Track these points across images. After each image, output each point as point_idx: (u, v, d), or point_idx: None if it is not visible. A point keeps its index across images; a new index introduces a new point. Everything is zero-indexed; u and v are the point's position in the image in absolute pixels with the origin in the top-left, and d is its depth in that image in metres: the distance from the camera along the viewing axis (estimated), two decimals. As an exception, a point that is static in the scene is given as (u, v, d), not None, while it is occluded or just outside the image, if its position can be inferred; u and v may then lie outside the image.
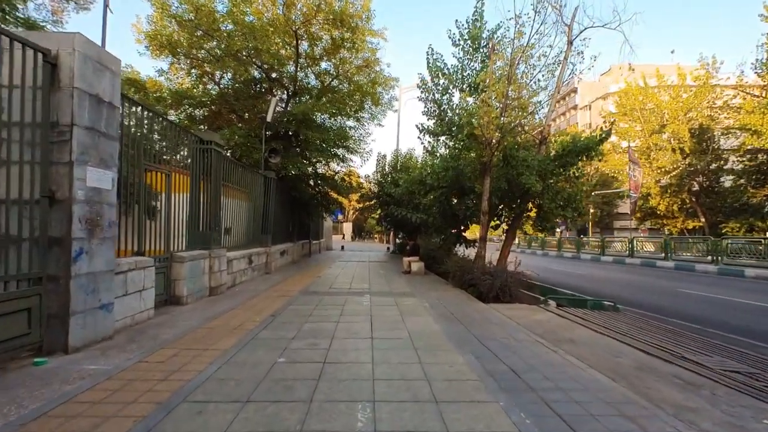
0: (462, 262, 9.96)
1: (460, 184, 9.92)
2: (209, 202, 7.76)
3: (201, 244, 7.48)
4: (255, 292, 8.10)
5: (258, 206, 11.58)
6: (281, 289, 8.65)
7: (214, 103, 13.72)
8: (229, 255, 8.64)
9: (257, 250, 10.80)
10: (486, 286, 7.52)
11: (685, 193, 30.37)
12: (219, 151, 7.94)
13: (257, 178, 11.50)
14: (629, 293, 10.51)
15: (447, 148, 9.95)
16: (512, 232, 10.22)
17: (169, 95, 12.83)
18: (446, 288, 9.51)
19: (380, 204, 21.94)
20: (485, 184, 8.65)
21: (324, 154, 13.69)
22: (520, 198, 9.88)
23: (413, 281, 10.63)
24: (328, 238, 29.83)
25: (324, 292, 8.48)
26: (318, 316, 6.01)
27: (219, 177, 8.05)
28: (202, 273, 7.18)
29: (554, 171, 9.15)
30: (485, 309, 6.92)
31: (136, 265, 5.09)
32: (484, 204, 8.69)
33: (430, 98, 10.91)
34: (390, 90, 19.30)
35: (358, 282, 10.23)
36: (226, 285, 8.08)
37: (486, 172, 8.63)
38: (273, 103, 11.46)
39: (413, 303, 7.31)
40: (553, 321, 6.06)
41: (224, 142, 12.18)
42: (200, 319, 5.54)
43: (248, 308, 6.49)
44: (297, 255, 16.68)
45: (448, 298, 7.94)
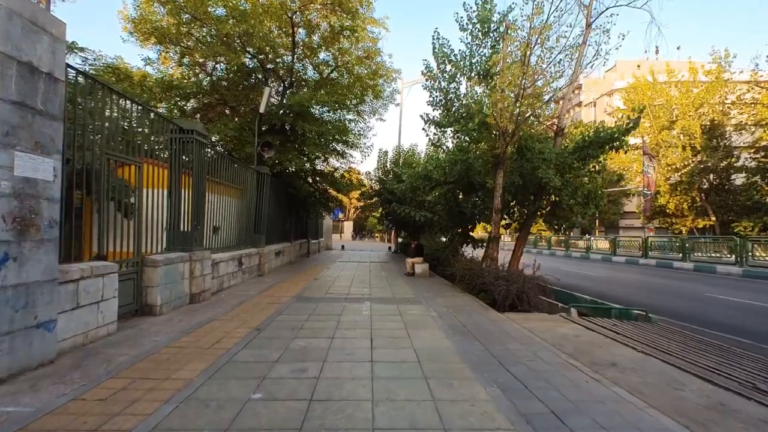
0: (471, 264, 9.14)
1: (469, 180, 9.10)
2: (192, 199, 6.94)
3: (182, 245, 6.67)
4: (243, 299, 7.29)
5: (250, 204, 10.77)
6: (273, 295, 7.84)
7: (205, 95, 12.89)
8: (215, 257, 7.83)
9: (249, 251, 9.99)
10: (501, 292, 6.70)
11: (696, 191, 29.49)
12: (202, 142, 7.12)
13: (250, 173, 10.68)
14: (653, 298, 9.68)
15: (456, 138, 9.11)
16: (525, 232, 9.39)
17: (156, 85, 12.00)
18: (454, 293, 8.69)
19: (381, 202, 21.11)
20: (498, 178, 7.83)
21: (322, 149, 12.85)
22: (534, 194, 9.04)
23: (417, 285, 9.81)
24: (328, 237, 29.03)
25: (320, 297, 7.66)
26: (310, 329, 5.19)
27: (203, 171, 7.23)
28: (181, 278, 6.37)
29: (573, 165, 8.31)
30: (501, 319, 6.09)
31: (92, 271, 4.27)
32: (496, 201, 7.87)
33: (436, 86, 10.08)
34: (392, 82, 18.47)
35: (357, 285, 9.42)
36: (210, 291, 7.27)
37: (499, 165, 7.80)
38: (266, 93, 10.64)
39: (419, 312, 6.49)
40: (583, 336, 5.24)
41: (215, 136, 11.40)
42: (171, 335, 4.73)
43: (231, 319, 5.67)
44: (294, 255, 15.88)
45: (457, 306, 7.11)
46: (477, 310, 6.76)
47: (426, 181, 9.42)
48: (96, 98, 4.80)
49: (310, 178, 16.26)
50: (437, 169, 9.33)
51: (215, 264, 7.77)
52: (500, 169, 7.80)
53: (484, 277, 7.94)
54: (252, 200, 10.81)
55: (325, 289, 8.73)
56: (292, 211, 15.70)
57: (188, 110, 14.05)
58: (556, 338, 5.04)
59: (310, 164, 15.07)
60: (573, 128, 9.44)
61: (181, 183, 6.76)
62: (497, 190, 7.83)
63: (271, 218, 12.47)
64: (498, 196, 7.82)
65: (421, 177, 9.43)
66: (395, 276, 11.74)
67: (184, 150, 6.80)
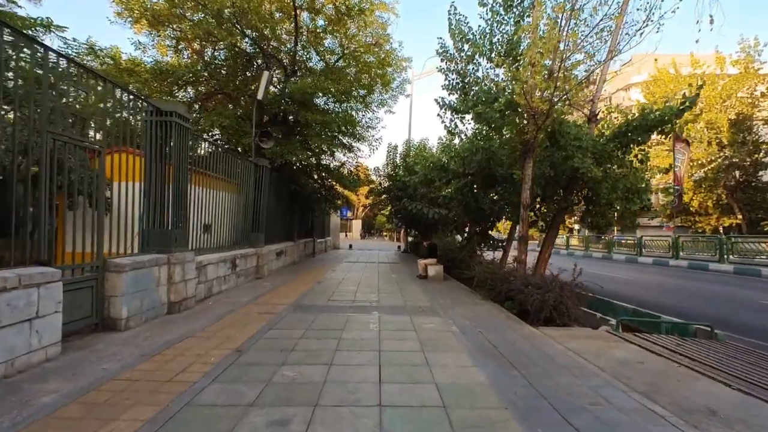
0: (493, 267, 8.07)
1: (490, 171, 8.02)
2: (173, 193, 5.99)
3: (160, 245, 5.73)
4: (232, 307, 6.32)
5: (248, 200, 9.83)
6: (268, 302, 6.86)
7: (201, 83, 11.95)
8: (202, 259, 6.88)
9: (244, 252, 9.04)
10: (534, 303, 5.61)
11: (721, 187, 27.94)
12: (184, 126, 6.15)
13: (247, 166, 9.73)
14: (704, 307, 8.50)
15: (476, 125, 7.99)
16: (554, 231, 8.27)
17: (147, 72, 11.11)
18: (474, 300, 7.62)
19: (391, 199, 20.08)
20: (526, 169, 6.73)
21: (327, 141, 11.83)
22: (564, 188, 7.93)
23: (432, 290, 8.76)
24: (336, 236, 28.09)
25: (321, 306, 6.66)
26: (304, 351, 4.18)
27: (185, 160, 6.27)
28: (156, 284, 5.42)
29: (612, 153, 7.18)
30: (537, 337, 5.02)
31: (20, 281, 3.31)
32: (525, 195, 6.78)
33: (452, 68, 8.99)
34: (401, 72, 17.40)
35: (364, 290, 8.40)
36: (194, 298, 6.31)
37: (528, 153, 6.71)
38: (265, 78, 9.67)
39: (437, 326, 5.45)
40: (648, 362, 4.14)
41: (209, 126, 10.47)
42: (128, 359, 3.76)
43: (211, 335, 4.70)
44: (298, 255, 14.93)
45: (481, 318, 6.05)
46: (506, 324, 5.68)
47: (442, 172, 8.33)
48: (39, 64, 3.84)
49: (315, 173, 15.30)
50: (455, 159, 8.24)
51: (202, 267, 6.81)
52: (529, 157, 6.71)
53: (510, 283, 6.86)
54: (250, 196, 9.86)
55: (327, 295, 7.73)
56: (296, 209, 14.75)
57: (186, 101, 13.17)
58: (615, 366, 3.95)
59: (315, 158, 14.09)
60: (608, 113, 8.26)
61: (162, 174, 5.82)
62: (526, 182, 6.74)
63: (271, 216, 11.53)
64: (527, 190, 6.73)
65: (436, 168, 8.36)
66: (406, 279, 10.70)
67: (164, 135, 5.84)
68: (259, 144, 9.72)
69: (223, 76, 12.13)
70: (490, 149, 7.57)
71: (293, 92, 10.70)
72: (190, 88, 13.45)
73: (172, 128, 5.88)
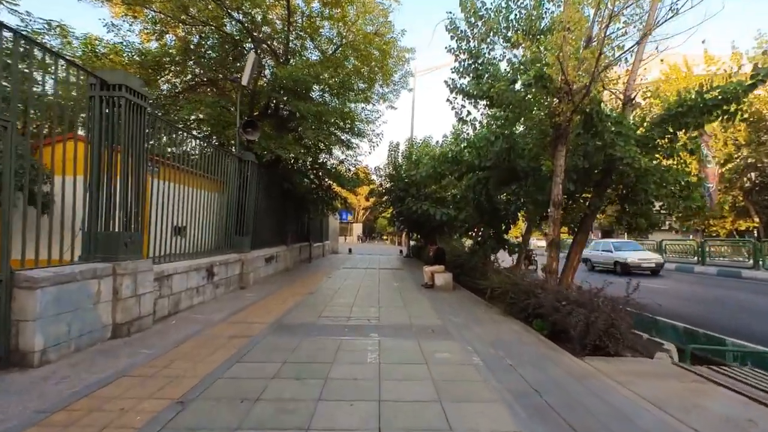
0: (514, 277, 6.86)
1: (510, 164, 6.83)
2: (124, 188, 4.81)
3: (105, 252, 4.55)
4: (198, 327, 5.13)
5: (231, 199, 8.66)
6: (244, 320, 5.66)
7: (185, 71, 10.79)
8: (166, 268, 5.69)
9: (225, 258, 7.85)
10: (578, 325, 4.40)
11: (737, 189, 26.77)
12: (139, 105, 4.98)
13: (230, 161, 8.57)
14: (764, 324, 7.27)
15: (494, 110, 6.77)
16: (584, 234, 7.06)
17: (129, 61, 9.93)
18: (493, 316, 6.41)
19: (392, 200, 18.88)
20: (558, 158, 5.55)
21: (323, 135, 10.63)
22: (597, 183, 6.74)
23: (441, 303, 7.56)
24: (334, 240, 26.93)
25: (309, 325, 5.46)
26: (273, 403, 2.98)
27: (140, 148, 5.08)
28: (94, 302, 4.23)
29: (658, 141, 6.01)
30: (590, 375, 3.80)
31: None
32: (555, 190, 5.58)
33: (463, 48, 7.84)
34: (404, 64, 16.29)
35: (362, 304, 7.20)
36: (151, 316, 5.11)
37: (560, 140, 5.52)
38: (251, 60, 8.52)
39: (453, 356, 4.24)
40: (762, 422, 2.92)
41: (187, 113, 9.31)
42: (10, 424, 2.56)
43: (153, 373, 3.50)
44: (292, 261, 13.73)
45: (508, 343, 4.84)
46: (542, 353, 4.47)
47: (453, 165, 7.13)
48: None
49: (311, 172, 14.12)
50: (469, 149, 7.04)
51: (165, 277, 5.62)
52: (562, 144, 5.52)
53: (538, 297, 5.66)
54: (233, 195, 8.68)
55: (319, 310, 6.53)
56: (290, 210, 13.57)
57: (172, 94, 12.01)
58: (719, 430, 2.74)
59: (310, 155, 12.92)
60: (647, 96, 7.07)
61: (112, 164, 4.66)
62: (557, 174, 5.55)
63: (260, 217, 10.35)
64: (559, 184, 5.53)
65: (447, 161, 7.17)
66: (410, 288, 9.50)
67: (111, 115, 4.67)
68: (244, 135, 8.55)
69: (207, 63, 10.96)
70: (511, 137, 6.38)
71: (283, 78, 9.52)
72: (176, 79, 12.34)
73: (122, 107, 4.71)
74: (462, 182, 8.47)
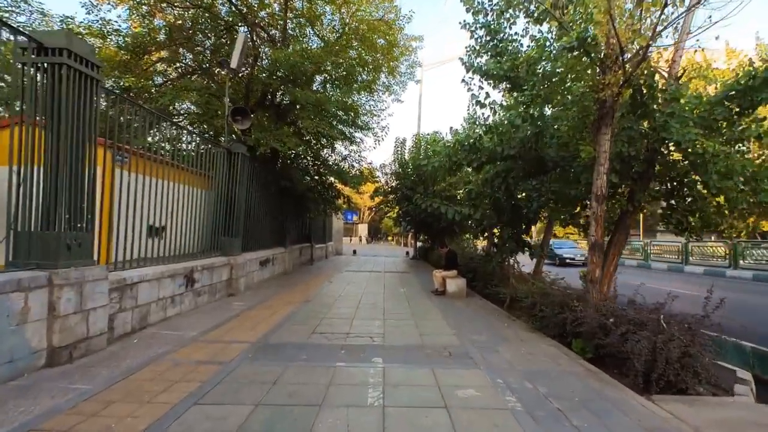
0: (542, 285, 5.86)
1: (537, 153, 5.80)
2: (67, 178, 3.88)
3: (42, 256, 3.64)
4: (163, 350, 4.20)
5: (220, 196, 7.75)
6: (221, 339, 4.72)
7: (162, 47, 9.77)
8: (130, 275, 4.76)
9: (209, 262, 6.93)
10: (642, 354, 3.37)
11: (760, 187, 25.35)
12: (85, 74, 4.05)
13: (219, 154, 7.67)
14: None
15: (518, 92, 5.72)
16: (623, 233, 6.02)
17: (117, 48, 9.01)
18: (519, 333, 5.40)
19: (399, 199, 17.91)
20: (602, 143, 4.53)
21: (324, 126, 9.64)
22: (639, 174, 5.70)
23: (456, 313, 6.57)
24: (339, 241, 25.97)
25: (298, 345, 4.50)
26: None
27: (89, 128, 4.15)
28: (17, 322, 3.30)
29: (720, 123, 4.97)
30: (673, 428, 2.80)
31: None
32: (598, 182, 4.56)
33: (480, 23, 6.83)
34: (411, 53, 15.31)
35: (365, 314, 6.24)
36: (104, 335, 4.18)
37: (605, 120, 4.51)
38: (240, 41, 7.60)
39: (482, 395, 3.25)
40: None
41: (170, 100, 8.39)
42: None
43: (79, 422, 2.56)
44: (291, 264, 12.80)
45: (546, 372, 3.84)
46: (595, 389, 3.46)
47: (471, 154, 6.09)
48: None
49: (312, 168, 13.17)
50: (489, 136, 6.00)
51: (127, 287, 4.69)
52: (606, 126, 4.50)
53: (574, 311, 4.65)
54: (222, 191, 7.77)
55: (313, 324, 5.56)
56: (289, 210, 12.64)
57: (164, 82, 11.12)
58: None
59: (310, 150, 11.99)
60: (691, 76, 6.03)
61: (54, 149, 3.75)
62: (601, 163, 4.53)
63: (254, 217, 9.44)
64: (603, 174, 4.51)
65: (464, 149, 6.15)
66: (419, 295, 8.51)
67: (52, 88, 3.76)
68: (233, 124, 7.63)
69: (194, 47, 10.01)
70: (542, 119, 5.34)
71: (279, 62, 8.58)
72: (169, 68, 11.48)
73: (65, 77, 3.78)
74: (480, 175, 7.44)
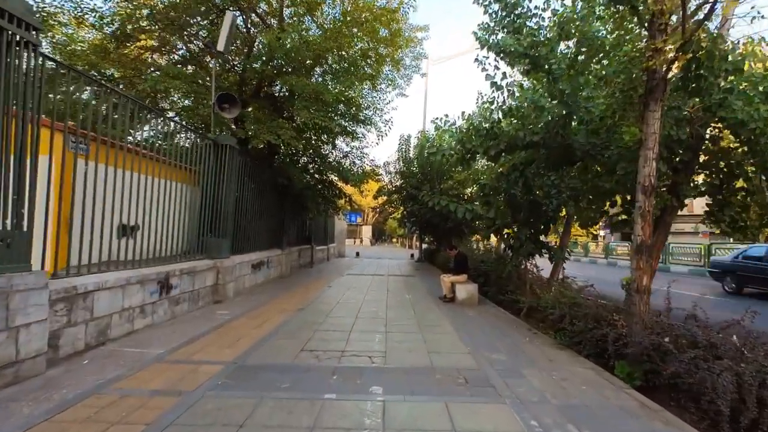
0: (571, 293, 5.04)
1: (564, 140, 4.95)
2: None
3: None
4: (115, 374, 3.43)
5: (205, 193, 7.00)
6: (190, 359, 3.94)
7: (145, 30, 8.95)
8: (85, 282, 4.00)
9: (190, 266, 6.17)
10: (726, 393, 2.55)
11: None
12: (19, 37, 3.30)
13: (204, 146, 6.93)
14: None
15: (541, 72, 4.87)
16: (663, 234, 5.17)
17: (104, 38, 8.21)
18: (544, 349, 4.58)
19: (403, 199, 17.13)
20: (650, 123, 3.70)
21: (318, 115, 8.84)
22: (685, 163, 4.87)
23: (467, 324, 5.76)
24: (341, 242, 25.21)
25: (281, 368, 3.72)
26: None
27: (26, 104, 3.40)
28: None
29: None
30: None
31: None
32: (646, 170, 3.71)
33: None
34: (416, 45, 14.55)
35: (364, 327, 5.44)
36: (41, 357, 3.41)
37: (654, 94, 3.67)
38: (228, 20, 6.84)
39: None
40: None
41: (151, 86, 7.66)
42: None
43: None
44: (289, 266, 12.04)
45: (591, 410, 3.01)
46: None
47: (488, 140, 5.23)
48: None
49: (312, 165, 12.39)
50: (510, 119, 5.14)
51: (79, 296, 3.93)
52: (656, 102, 3.66)
53: (615, 326, 3.83)
54: (208, 187, 7.03)
55: (303, 338, 4.78)
56: (287, 209, 11.90)
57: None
58: None
59: (310, 146, 11.22)
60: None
61: None
62: (648, 147, 3.68)
63: (246, 216, 8.70)
64: (651, 160, 3.67)
65: (479, 134, 5.29)
66: (425, 301, 7.71)
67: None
68: (220, 113, 6.88)
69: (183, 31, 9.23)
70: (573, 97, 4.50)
71: (271, 45, 7.83)
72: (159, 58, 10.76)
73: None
74: (497, 166, 6.60)
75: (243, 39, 10.45)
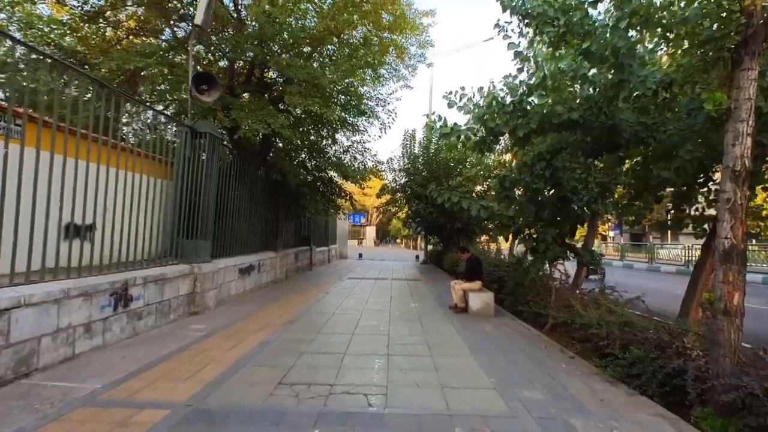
0: (620, 311, 4.06)
1: (607, 120, 3.98)
2: None
3: None
4: (18, 424, 2.49)
5: (180, 188, 6.08)
6: (132, 398, 3.00)
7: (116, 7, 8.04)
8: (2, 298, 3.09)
9: (158, 273, 5.25)
10: None
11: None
12: None
13: (178, 134, 6.02)
14: None
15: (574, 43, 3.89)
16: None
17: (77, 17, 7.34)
18: (591, 385, 3.59)
19: (408, 198, 16.16)
20: (743, 86, 2.73)
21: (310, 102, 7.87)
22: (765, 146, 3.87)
23: (487, 344, 4.79)
24: (343, 243, 24.27)
25: (246, 416, 2.77)
26: None
27: None
28: None
29: None
30: None
31: None
32: (737, 150, 2.73)
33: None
34: (422, 32, 13.55)
35: (362, 348, 4.48)
36: None
37: (750, 46, 2.71)
38: (207, -10, 5.93)
39: None
40: None
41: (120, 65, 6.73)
42: None
43: None
44: (284, 270, 11.10)
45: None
46: None
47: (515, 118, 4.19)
48: None
49: (309, 162, 11.46)
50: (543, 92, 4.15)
51: None
52: (752, 57, 2.71)
53: (692, 359, 2.86)
54: (183, 181, 6.10)
55: (285, 365, 3.83)
56: (283, 208, 10.98)
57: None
58: None
59: (305, 137, 10.30)
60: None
61: None
62: (741, 116, 2.71)
63: (232, 214, 7.77)
64: (746, 135, 2.71)
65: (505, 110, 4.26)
66: (434, 312, 6.75)
67: None
68: (197, 96, 5.96)
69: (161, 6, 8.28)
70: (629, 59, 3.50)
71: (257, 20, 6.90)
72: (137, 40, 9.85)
73: None
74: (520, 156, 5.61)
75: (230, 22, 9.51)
